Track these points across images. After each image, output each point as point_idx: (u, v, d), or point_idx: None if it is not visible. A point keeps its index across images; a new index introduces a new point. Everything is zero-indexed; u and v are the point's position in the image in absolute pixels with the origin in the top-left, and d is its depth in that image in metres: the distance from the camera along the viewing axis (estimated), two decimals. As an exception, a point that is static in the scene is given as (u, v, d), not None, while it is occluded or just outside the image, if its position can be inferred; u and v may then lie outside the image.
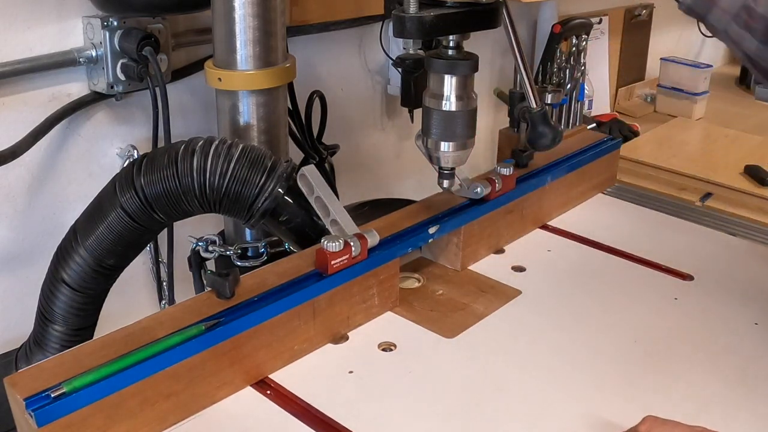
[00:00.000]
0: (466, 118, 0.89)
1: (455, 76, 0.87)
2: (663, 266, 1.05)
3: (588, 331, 0.91)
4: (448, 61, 0.87)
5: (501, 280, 1.01)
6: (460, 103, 0.88)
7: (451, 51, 0.87)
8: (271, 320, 0.78)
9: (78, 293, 0.87)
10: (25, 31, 1.05)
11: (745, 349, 0.88)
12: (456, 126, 0.89)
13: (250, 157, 0.88)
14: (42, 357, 0.87)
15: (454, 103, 0.88)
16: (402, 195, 1.30)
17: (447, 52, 0.87)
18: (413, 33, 0.81)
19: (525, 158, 1.14)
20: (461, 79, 0.87)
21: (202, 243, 1.02)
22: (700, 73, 2.26)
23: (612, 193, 1.31)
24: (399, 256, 0.92)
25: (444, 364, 0.84)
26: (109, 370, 0.67)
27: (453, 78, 0.87)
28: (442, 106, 0.88)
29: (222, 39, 0.99)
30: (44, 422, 0.63)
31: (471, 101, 0.89)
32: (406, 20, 0.80)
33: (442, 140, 0.90)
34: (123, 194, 0.86)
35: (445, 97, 0.88)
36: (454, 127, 0.89)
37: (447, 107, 0.88)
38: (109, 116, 1.17)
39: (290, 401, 0.77)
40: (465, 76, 0.87)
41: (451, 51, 0.87)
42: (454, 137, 0.89)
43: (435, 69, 0.87)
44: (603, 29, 2.17)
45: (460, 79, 0.87)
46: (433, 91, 0.89)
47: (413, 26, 0.80)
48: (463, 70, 0.87)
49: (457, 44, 0.87)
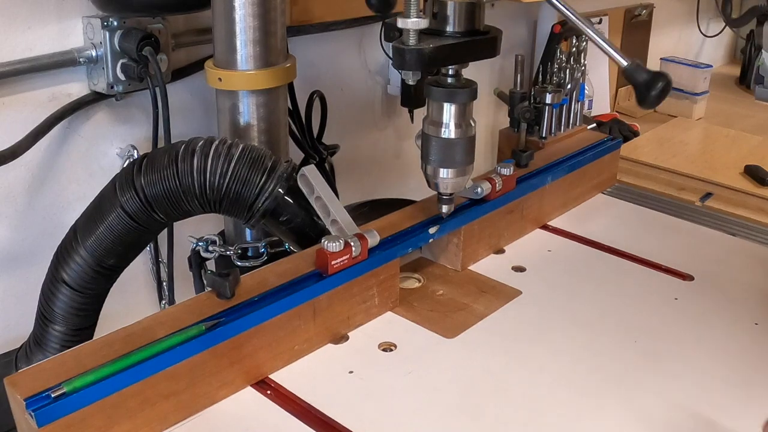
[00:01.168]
0: (465, 145, 0.90)
1: (454, 104, 0.87)
2: (663, 266, 1.05)
3: (588, 331, 0.91)
4: (447, 89, 0.87)
5: (501, 280, 1.01)
6: (459, 130, 0.89)
7: (450, 79, 0.88)
8: (271, 320, 0.78)
9: (78, 293, 0.87)
10: (25, 31, 1.05)
11: (745, 349, 0.88)
12: (455, 153, 0.89)
13: (251, 157, 0.88)
14: (42, 357, 0.87)
15: (453, 130, 0.88)
16: (402, 195, 1.30)
17: (446, 80, 0.88)
18: (413, 65, 0.81)
19: (525, 158, 1.14)
20: (460, 107, 0.88)
21: (202, 243, 1.02)
22: (700, 73, 2.26)
23: (612, 193, 1.31)
24: (399, 256, 0.92)
25: (444, 364, 0.84)
26: (109, 370, 0.67)
27: (452, 106, 0.88)
28: (441, 134, 0.89)
29: (222, 39, 0.99)
30: (44, 422, 0.63)
31: (470, 129, 0.89)
32: (405, 52, 0.81)
33: (441, 167, 0.90)
34: (123, 194, 0.86)
35: (444, 124, 0.88)
36: (454, 154, 0.89)
37: (446, 135, 0.89)
38: (109, 116, 1.17)
39: (290, 401, 0.77)
40: (464, 104, 0.88)
41: (450, 79, 0.88)
42: (454, 164, 0.90)
43: (434, 97, 0.88)
44: (603, 29, 2.17)
45: (459, 107, 0.88)
46: (433, 119, 0.89)
47: (412, 58, 0.81)
48: (462, 99, 0.87)
49: (456, 72, 0.87)
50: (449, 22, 0.85)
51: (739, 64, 2.80)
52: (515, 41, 1.94)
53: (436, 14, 0.85)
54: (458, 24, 0.85)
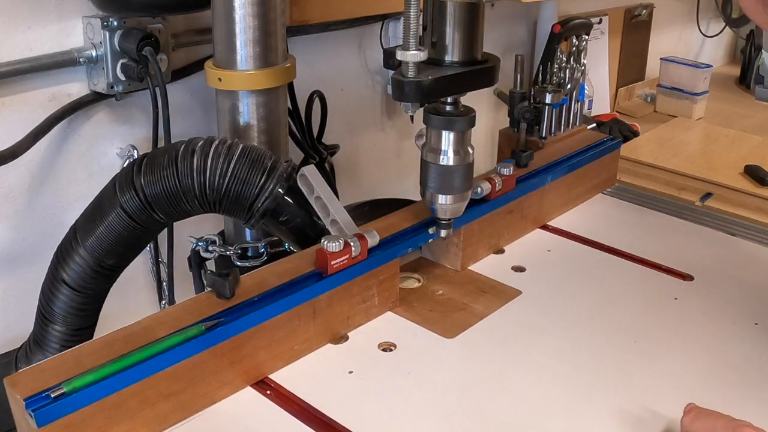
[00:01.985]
0: (464, 171, 0.90)
1: (453, 132, 0.88)
2: (663, 266, 1.05)
3: (588, 331, 0.91)
4: (446, 117, 0.88)
5: (501, 280, 1.01)
6: (458, 157, 0.89)
7: (449, 107, 0.88)
8: (271, 320, 0.78)
9: (78, 293, 0.87)
10: (25, 31, 1.05)
11: (745, 349, 0.88)
12: (454, 179, 0.90)
13: (250, 157, 0.88)
14: (42, 357, 0.87)
15: (451, 157, 0.89)
16: (402, 195, 1.30)
17: (445, 108, 0.88)
18: (412, 97, 0.82)
19: (525, 158, 1.14)
20: (459, 134, 0.88)
21: (202, 243, 1.02)
22: (700, 73, 2.26)
23: (612, 193, 1.31)
24: (399, 256, 0.92)
25: (444, 364, 0.84)
26: (109, 370, 0.67)
27: (451, 134, 0.88)
28: (440, 161, 0.89)
29: (222, 39, 0.99)
30: (44, 422, 0.63)
31: (468, 155, 0.90)
32: (404, 84, 0.81)
33: (439, 193, 0.91)
34: (123, 194, 0.86)
35: (443, 151, 0.89)
36: (452, 181, 0.90)
37: (445, 162, 0.89)
38: (109, 116, 1.17)
39: (290, 401, 0.77)
40: (462, 132, 0.88)
41: (449, 107, 0.88)
42: (452, 190, 0.91)
43: (433, 125, 0.88)
44: (603, 29, 2.17)
45: (457, 135, 0.88)
46: (431, 146, 0.90)
47: (411, 90, 0.81)
48: (461, 127, 0.88)
49: (455, 100, 0.88)
50: (448, 52, 0.85)
51: (739, 64, 2.80)
52: (515, 41, 1.94)
53: (435, 43, 0.86)
54: (457, 54, 0.85)
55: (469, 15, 0.84)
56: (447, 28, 0.84)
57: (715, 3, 2.70)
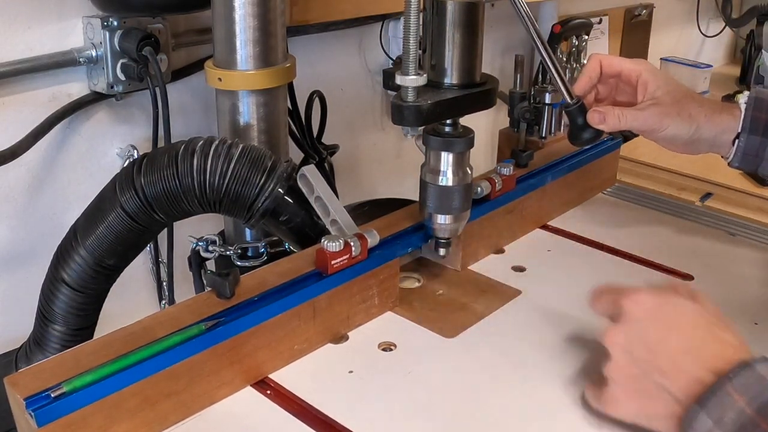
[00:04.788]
0: (462, 192, 0.90)
1: (452, 153, 0.88)
2: (663, 266, 1.05)
3: (588, 331, 0.90)
4: (444, 139, 0.88)
5: (501, 280, 1.01)
6: (456, 178, 0.89)
7: (448, 128, 0.88)
8: (271, 320, 0.78)
9: (78, 293, 0.87)
10: (25, 31, 1.05)
11: (745, 349, 0.88)
12: (452, 200, 0.90)
13: (250, 157, 0.88)
14: (42, 357, 0.87)
15: (450, 178, 0.89)
16: (402, 195, 1.30)
17: (443, 129, 0.88)
18: (411, 121, 0.82)
19: (525, 158, 1.14)
20: (457, 155, 0.89)
21: (202, 243, 1.02)
22: (700, 73, 2.26)
23: (612, 193, 1.31)
24: (399, 256, 0.92)
25: (444, 364, 0.84)
26: (109, 370, 0.67)
27: (450, 155, 0.88)
28: (439, 182, 0.90)
29: (222, 39, 0.99)
30: (44, 422, 0.63)
31: (467, 176, 0.90)
32: (404, 109, 0.81)
33: (438, 213, 0.92)
34: (123, 194, 0.86)
35: (442, 172, 0.89)
36: (451, 201, 0.90)
37: (443, 182, 0.89)
38: (109, 116, 1.17)
39: (290, 401, 0.77)
40: (461, 153, 0.89)
41: (448, 128, 0.88)
42: (451, 210, 0.91)
43: (432, 146, 0.89)
44: (603, 29, 2.17)
45: (456, 156, 0.89)
46: (431, 167, 0.90)
47: (411, 115, 0.82)
48: (460, 148, 0.88)
49: (453, 122, 0.88)
50: (447, 75, 0.86)
51: (739, 64, 2.80)
52: (515, 41, 1.93)
53: (435, 66, 0.86)
54: (456, 76, 0.86)
55: (469, 39, 0.85)
56: (446, 51, 0.85)
57: (715, 3, 2.70)
